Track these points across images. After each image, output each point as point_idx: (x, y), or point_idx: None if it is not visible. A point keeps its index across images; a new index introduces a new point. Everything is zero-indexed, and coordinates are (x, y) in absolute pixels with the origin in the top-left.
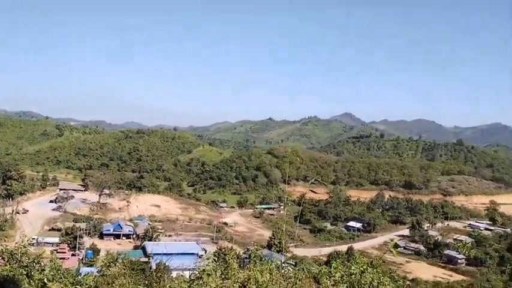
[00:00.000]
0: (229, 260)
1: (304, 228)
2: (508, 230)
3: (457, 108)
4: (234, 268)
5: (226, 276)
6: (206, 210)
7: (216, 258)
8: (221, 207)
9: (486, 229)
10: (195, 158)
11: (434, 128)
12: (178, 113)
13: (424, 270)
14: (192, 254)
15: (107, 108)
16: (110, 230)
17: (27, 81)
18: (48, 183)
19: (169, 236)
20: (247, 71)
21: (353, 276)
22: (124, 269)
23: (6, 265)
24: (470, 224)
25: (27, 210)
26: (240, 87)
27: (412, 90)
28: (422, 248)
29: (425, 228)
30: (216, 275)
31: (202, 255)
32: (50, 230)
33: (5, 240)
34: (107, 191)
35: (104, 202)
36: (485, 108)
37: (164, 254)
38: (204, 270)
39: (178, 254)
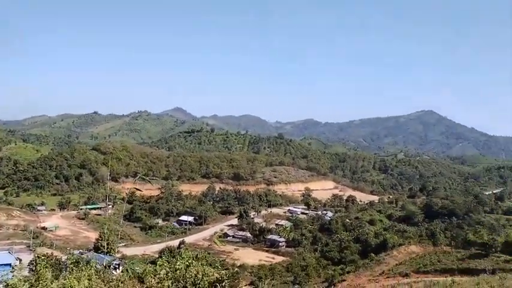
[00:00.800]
0: (40, 269)
1: (135, 227)
2: (319, 212)
3: (278, 105)
4: (47, 278)
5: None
6: (21, 215)
7: (34, 268)
8: (39, 210)
9: (302, 213)
10: (5, 156)
11: (259, 123)
12: None
13: (250, 256)
14: (3, 265)
15: None
16: None
17: None
18: None
19: None
20: (67, 58)
21: (178, 271)
22: None
23: None
24: (289, 210)
25: None
26: (59, 77)
27: (238, 87)
28: (249, 235)
29: (252, 216)
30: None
31: (16, 265)
32: None
33: None
34: None
35: None
36: (301, 105)
37: None
38: (8, 284)
39: None
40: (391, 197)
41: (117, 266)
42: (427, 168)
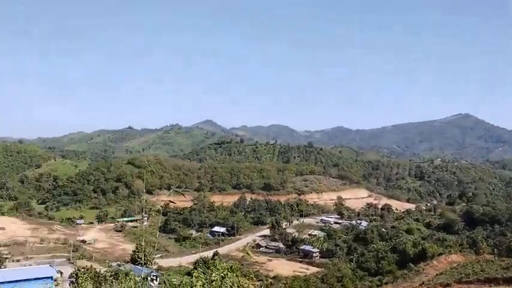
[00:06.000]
0: (81, 282)
1: (170, 238)
2: (353, 222)
3: (307, 113)
4: None
5: None
6: (61, 229)
7: (75, 280)
8: (78, 224)
9: (335, 223)
10: (46, 172)
11: (287, 132)
12: (24, 123)
13: (284, 267)
14: (45, 278)
15: None
16: None
17: None
18: None
19: (18, 261)
20: (100, 75)
21: (214, 283)
22: None
23: None
24: (322, 219)
25: None
26: (95, 93)
27: (267, 97)
28: (281, 245)
29: (284, 226)
30: None
31: (57, 278)
32: None
33: None
34: None
35: None
36: (330, 113)
37: (9, 281)
38: None
39: (27, 280)
40: (428, 204)
41: (154, 278)
42: (465, 174)
